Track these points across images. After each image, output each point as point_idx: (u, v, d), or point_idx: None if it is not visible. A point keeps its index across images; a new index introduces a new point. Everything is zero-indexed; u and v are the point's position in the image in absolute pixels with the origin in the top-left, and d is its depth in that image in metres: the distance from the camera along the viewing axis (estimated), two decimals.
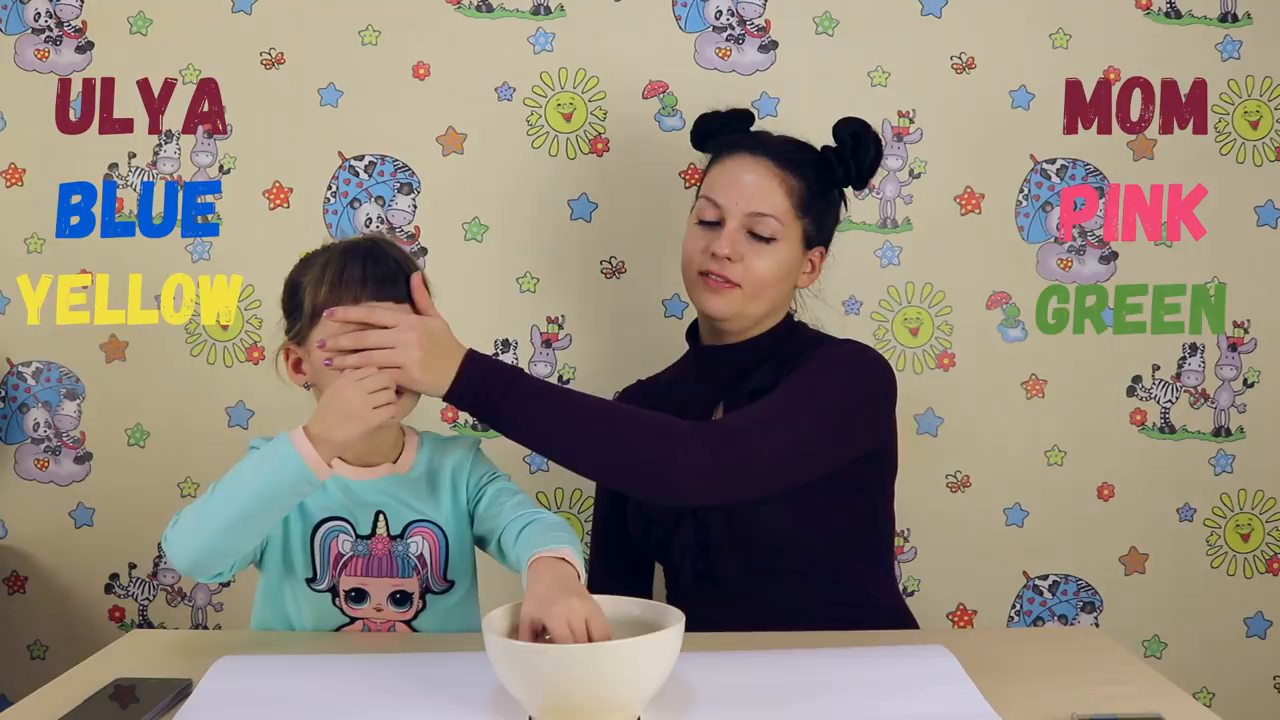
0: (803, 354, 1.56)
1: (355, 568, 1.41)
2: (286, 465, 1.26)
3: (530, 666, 1.03)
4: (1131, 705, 1.10)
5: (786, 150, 1.59)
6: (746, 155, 1.58)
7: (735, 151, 1.59)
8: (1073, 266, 2.13)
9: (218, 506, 1.27)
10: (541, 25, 2.12)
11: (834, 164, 1.60)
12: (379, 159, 2.13)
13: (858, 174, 1.61)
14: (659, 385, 1.74)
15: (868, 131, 1.61)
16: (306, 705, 1.12)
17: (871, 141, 1.61)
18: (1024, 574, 2.16)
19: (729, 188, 1.56)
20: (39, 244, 2.12)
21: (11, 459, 2.14)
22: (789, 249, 1.57)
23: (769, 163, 1.57)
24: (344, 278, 1.38)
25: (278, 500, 1.29)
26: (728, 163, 1.59)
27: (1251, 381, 2.14)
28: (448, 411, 2.12)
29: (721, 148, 1.63)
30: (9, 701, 1.97)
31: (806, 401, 1.47)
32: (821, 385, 1.50)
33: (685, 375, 1.70)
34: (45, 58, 2.12)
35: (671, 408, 1.55)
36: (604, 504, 1.78)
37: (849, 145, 1.60)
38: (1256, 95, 2.12)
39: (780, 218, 1.55)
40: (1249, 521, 2.16)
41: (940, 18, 2.11)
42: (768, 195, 1.55)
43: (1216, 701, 2.15)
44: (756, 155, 1.58)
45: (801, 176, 1.57)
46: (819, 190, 1.59)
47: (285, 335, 1.45)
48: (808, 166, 1.59)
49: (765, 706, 1.10)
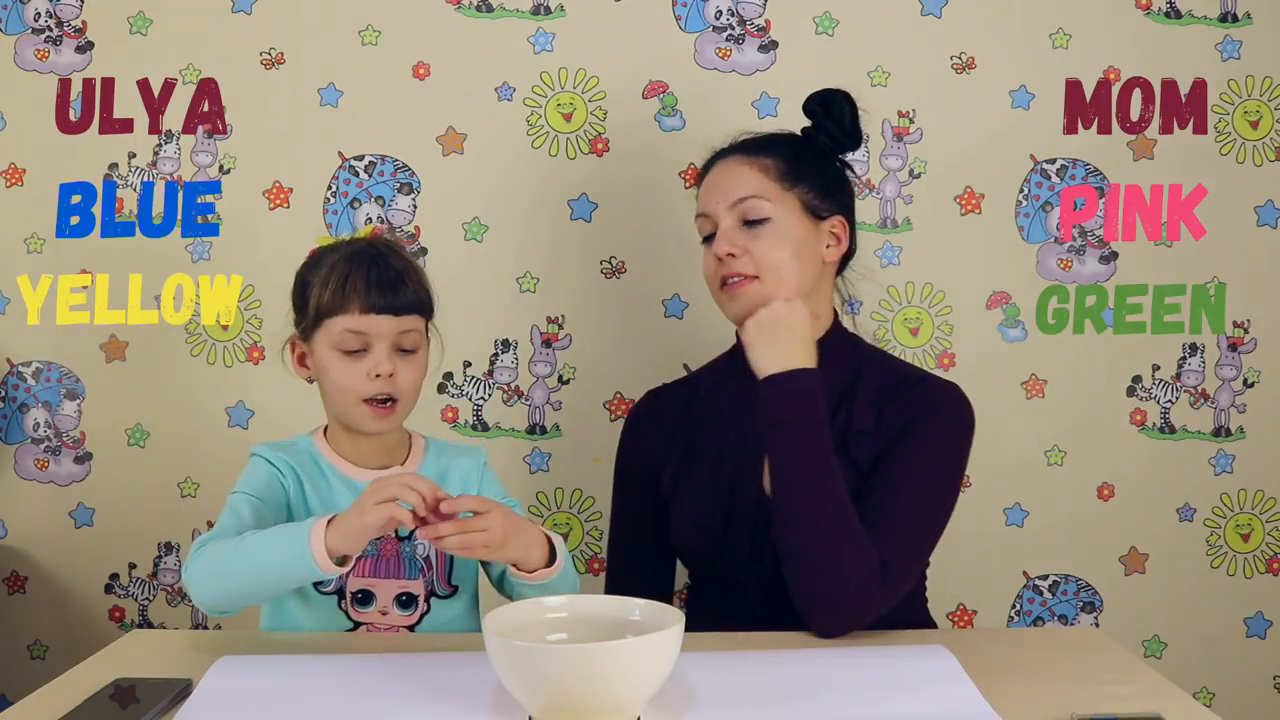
0: (898, 398, 1.51)
1: (363, 568, 1.42)
2: (301, 554, 1.24)
3: (530, 666, 1.03)
4: (1131, 705, 1.10)
5: (752, 140, 1.60)
6: (719, 161, 1.60)
7: (710, 166, 1.61)
8: (1073, 266, 2.13)
9: (239, 565, 1.27)
10: (541, 25, 2.12)
11: (814, 135, 1.60)
12: (379, 159, 2.13)
13: (842, 132, 1.60)
14: (693, 393, 1.67)
15: (832, 92, 1.60)
16: (306, 705, 1.12)
17: (841, 98, 1.60)
18: (1024, 574, 2.16)
19: (709, 193, 1.57)
20: (39, 244, 2.12)
21: (11, 459, 2.14)
22: (789, 222, 1.53)
23: (737, 156, 1.57)
24: (348, 285, 1.40)
25: (290, 578, 1.29)
26: (707, 177, 1.60)
27: (1251, 381, 2.14)
28: (447, 411, 2.13)
29: (702, 174, 1.63)
30: (9, 701, 1.97)
31: (934, 506, 1.47)
32: (950, 478, 1.49)
33: (736, 387, 1.60)
34: (45, 58, 2.12)
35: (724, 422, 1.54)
36: (636, 509, 1.69)
37: (821, 113, 1.60)
38: (1256, 95, 2.12)
39: (766, 195, 1.52)
40: (1249, 521, 2.16)
41: (940, 18, 2.11)
42: (745, 180, 1.54)
43: (1216, 701, 2.15)
44: (725, 157, 1.59)
45: (774, 154, 1.56)
46: (803, 161, 1.57)
47: (294, 329, 1.47)
48: (779, 145, 1.58)
49: (765, 706, 1.10)
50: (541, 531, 1.37)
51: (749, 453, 1.54)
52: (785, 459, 1.41)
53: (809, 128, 1.61)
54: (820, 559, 1.37)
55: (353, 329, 1.39)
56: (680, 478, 1.59)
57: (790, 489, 1.40)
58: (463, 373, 2.13)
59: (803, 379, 1.43)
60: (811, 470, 1.40)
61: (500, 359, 2.14)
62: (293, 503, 1.42)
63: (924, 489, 1.46)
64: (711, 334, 2.06)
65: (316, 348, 1.43)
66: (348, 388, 1.41)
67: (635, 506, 1.68)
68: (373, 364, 1.40)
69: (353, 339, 1.40)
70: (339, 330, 1.39)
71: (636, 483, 1.67)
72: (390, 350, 1.41)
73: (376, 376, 1.39)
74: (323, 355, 1.42)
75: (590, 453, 2.11)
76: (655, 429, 1.65)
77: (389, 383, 1.40)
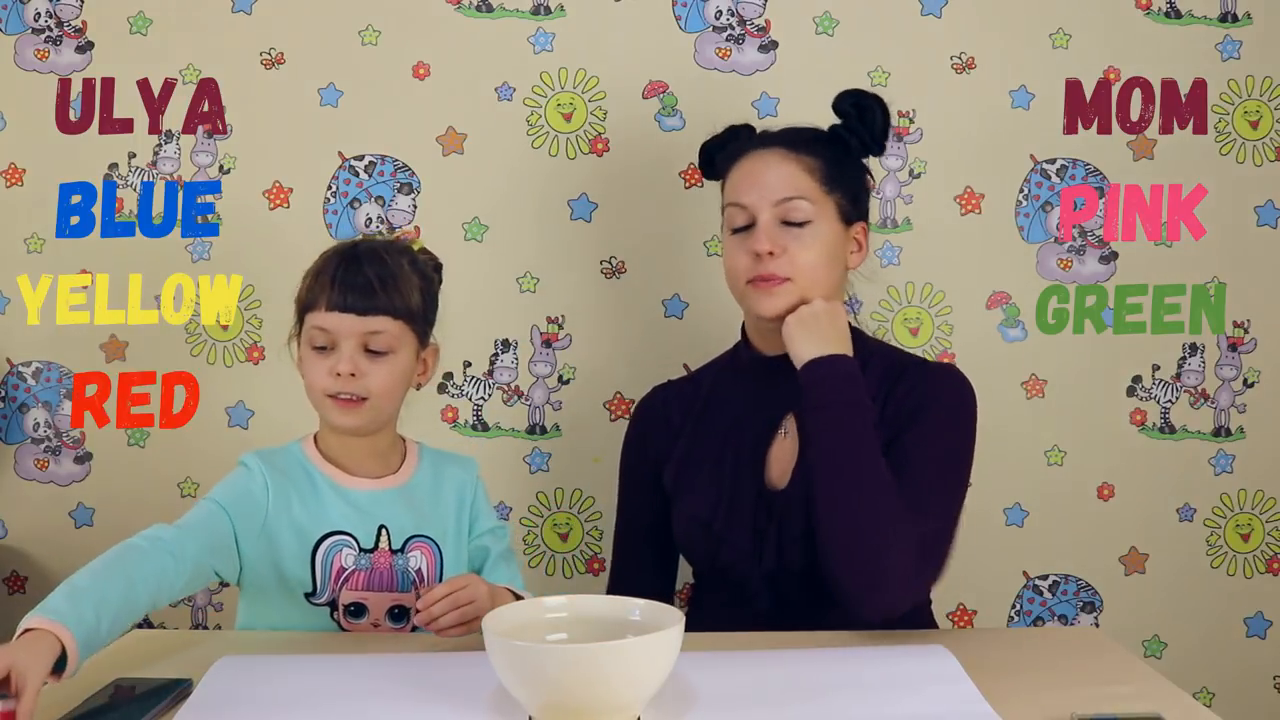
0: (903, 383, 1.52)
1: (357, 582, 1.41)
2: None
3: (530, 666, 1.03)
4: (1131, 705, 1.10)
5: (796, 134, 1.58)
6: (759, 150, 1.56)
7: (747, 152, 1.57)
8: (1073, 266, 2.13)
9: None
10: (541, 25, 2.12)
11: (845, 137, 1.58)
12: (379, 159, 2.13)
13: (872, 139, 1.59)
14: (697, 390, 1.67)
15: (867, 96, 1.59)
16: (306, 705, 1.11)
17: (875, 103, 1.59)
18: (1024, 574, 2.16)
19: (751, 185, 1.54)
20: (39, 244, 2.12)
21: (11, 459, 2.14)
22: (828, 228, 1.53)
23: (782, 150, 1.55)
24: (318, 282, 1.43)
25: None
26: (743, 164, 1.57)
27: (1251, 381, 2.14)
28: (447, 411, 2.13)
29: (731, 155, 1.60)
30: None
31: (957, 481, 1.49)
32: (966, 454, 1.51)
33: (740, 383, 1.62)
34: (45, 58, 2.12)
35: (728, 418, 1.54)
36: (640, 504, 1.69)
37: (854, 115, 1.58)
38: (1256, 95, 2.12)
39: (810, 197, 1.51)
40: (1249, 521, 2.16)
41: (940, 18, 2.11)
42: (791, 179, 1.52)
43: (1216, 701, 2.14)
44: (769, 147, 1.56)
45: (817, 154, 1.55)
46: (839, 164, 1.57)
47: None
48: (820, 144, 1.57)
49: (765, 706, 1.10)
50: (505, 588, 1.43)
51: (751, 447, 1.54)
52: (829, 442, 1.41)
53: (839, 127, 1.60)
54: (870, 541, 1.36)
55: (319, 325, 1.41)
56: (683, 473, 1.60)
57: (836, 472, 1.40)
58: (463, 373, 2.13)
59: (843, 364, 1.45)
60: (857, 452, 1.40)
61: (500, 359, 2.14)
62: (270, 517, 1.42)
63: (947, 466, 1.47)
64: (712, 334, 2.07)
65: (301, 340, 1.46)
66: (313, 383, 1.43)
67: (639, 502, 1.69)
68: (334, 362, 1.41)
69: (320, 335, 1.42)
70: (310, 326, 1.43)
71: (640, 479, 1.67)
72: (356, 350, 1.41)
73: (338, 375, 1.40)
74: (301, 348, 1.45)
75: (590, 453, 2.11)
76: (660, 425, 1.66)
77: (351, 382, 1.40)
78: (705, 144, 1.69)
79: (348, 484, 1.44)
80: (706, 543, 1.55)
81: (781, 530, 1.49)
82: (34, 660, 1.06)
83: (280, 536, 1.41)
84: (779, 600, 1.50)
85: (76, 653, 1.11)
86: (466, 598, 1.30)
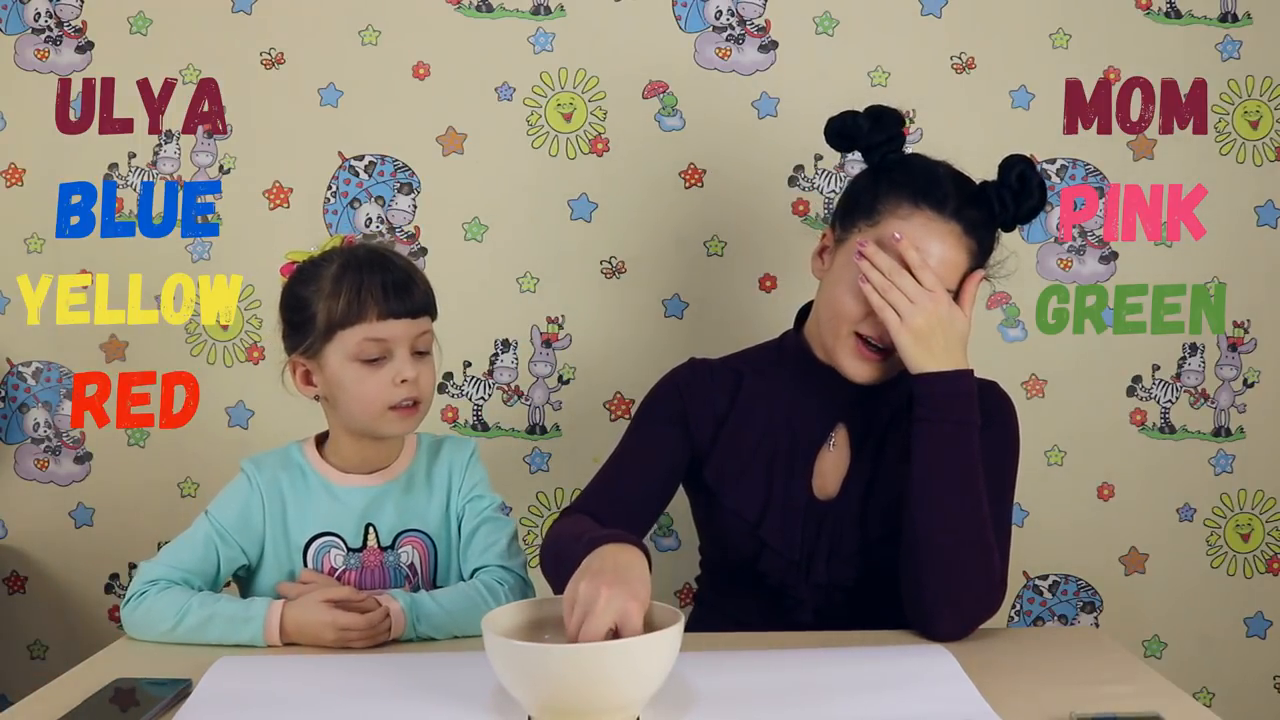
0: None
1: (349, 579, 1.41)
2: (254, 638, 1.31)
3: (530, 666, 1.03)
4: (1131, 705, 1.10)
5: (973, 212, 1.45)
6: (937, 219, 1.42)
7: (923, 206, 1.43)
8: (1073, 266, 2.13)
9: (181, 633, 1.32)
10: (541, 25, 2.12)
11: (994, 204, 1.47)
12: (379, 159, 2.13)
13: (1014, 220, 1.48)
14: (737, 379, 1.56)
15: (1034, 173, 1.48)
16: (306, 705, 1.12)
17: (1037, 187, 1.48)
18: (1024, 574, 2.16)
19: (917, 248, 1.41)
20: (39, 244, 2.12)
21: (11, 459, 2.14)
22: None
23: (959, 231, 1.43)
24: (363, 293, 1.36)
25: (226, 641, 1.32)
26: (917, 220, 1.42)
27: (1251, 381, 2.14)
28: (447, 411, 2.13)
29: (903, 188, 1.46)
30: (9, 701, 1.97)
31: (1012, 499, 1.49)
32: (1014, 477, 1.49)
33: (784, 382, 1.54)
34: (45, 58, 2.12)
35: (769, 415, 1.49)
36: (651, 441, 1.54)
37: (1012, 190, 1.47)
38: (1256, 95, 2.12)
39: (954, 287, 1.44)
40: (1249, 521, 2.16)
41: (940, 18, 2.11)
42: (955, 272, 1.43)
43: (1216, 701, 2.15)
44: (947, 220, 1.42)
45: (979, 239, 1.46)
46: (989, 242, 1.49)
47: (292, 350, 1.43)
48: (985, 227, 1.47)
49: (765, 706, 1.10)
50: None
51: (803, 455, 1.49)
52: (938, 459, 1.39)
53: (992, 187, 1.47)
54: (965, 559, 1.36)
55: (372, 337, 1.36)
56: (726, 468, 1.51)
57: (941, 489, 1.38)
58: (463, 373, 2.13)
59: (960, 382, 1.41)
60: (963, 472, 1.38)
61: (500, 359, 2.14)
62: (268, 527, 1.42)
63: (1002, 490, 1.46)
64: (712, 334, 2.07)
65: (329, 362, 1.38)
66: (374, 397, 1.37)
67: (662, 433, 1.54)
68: (396, 370, 1.37)
69: (372, 347, 1.36)
70: (357, 340, 1.36)
71: (662, 419, 1.54)
72: (409, 354, 1.38)
73: (402, 382, 1.37)
74: (338, 368, 1.38)
75: (590, 453, 2.10)
76: (703, 393, 1.55)
77: (412, 386, 1.38)
78: (846, 120, 1.54)
79: (342, 482, 1.43)
80: (749, 547, 1.50)
81: (833, 544, 1.46)
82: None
83: (274, 543, 1.42)
84: (822, 614, 1.47)
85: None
86: (382, 631, 1.32)
